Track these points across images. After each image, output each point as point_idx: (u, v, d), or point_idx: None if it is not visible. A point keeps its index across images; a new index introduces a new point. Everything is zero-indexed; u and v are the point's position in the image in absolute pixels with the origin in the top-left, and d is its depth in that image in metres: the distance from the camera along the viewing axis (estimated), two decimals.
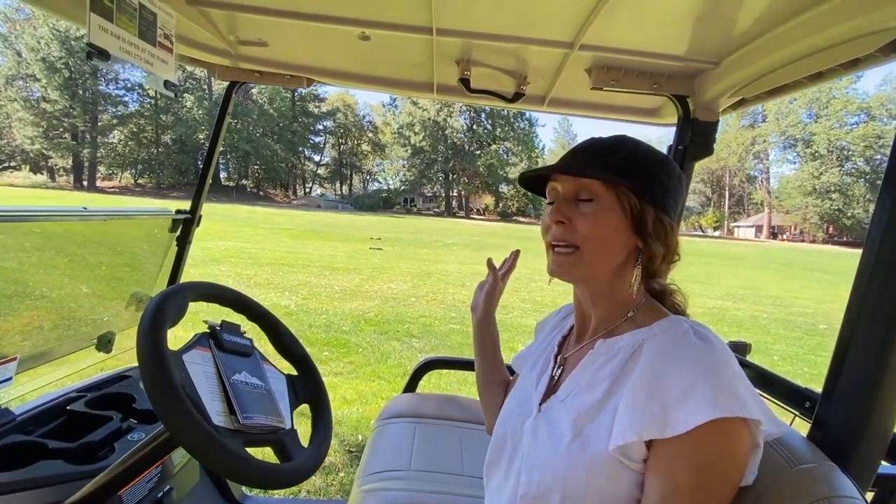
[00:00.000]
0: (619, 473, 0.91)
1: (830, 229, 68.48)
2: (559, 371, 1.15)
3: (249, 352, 1.26)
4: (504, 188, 77.07)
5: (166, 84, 1.53)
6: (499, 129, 76.90)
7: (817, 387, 1.30)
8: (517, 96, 2.08)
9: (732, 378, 0.87)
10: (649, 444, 0.89)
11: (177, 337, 0.99)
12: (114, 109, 63.81)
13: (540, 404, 1.11)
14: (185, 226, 2.27)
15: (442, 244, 24.47)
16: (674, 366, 0.89)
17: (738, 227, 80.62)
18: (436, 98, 2.24)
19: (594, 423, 0.95)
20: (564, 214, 1.03)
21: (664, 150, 1.13)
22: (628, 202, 1.01)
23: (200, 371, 1.09)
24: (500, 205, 78.18)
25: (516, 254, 1.54)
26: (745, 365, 1.77)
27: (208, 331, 1.22)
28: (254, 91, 68.45)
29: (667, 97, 1.94)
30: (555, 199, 1.08)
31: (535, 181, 1.14)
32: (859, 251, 1.17)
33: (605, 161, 1.03)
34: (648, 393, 0.89)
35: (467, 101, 2.19)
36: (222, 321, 1.26)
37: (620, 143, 1.05)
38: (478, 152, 75.79)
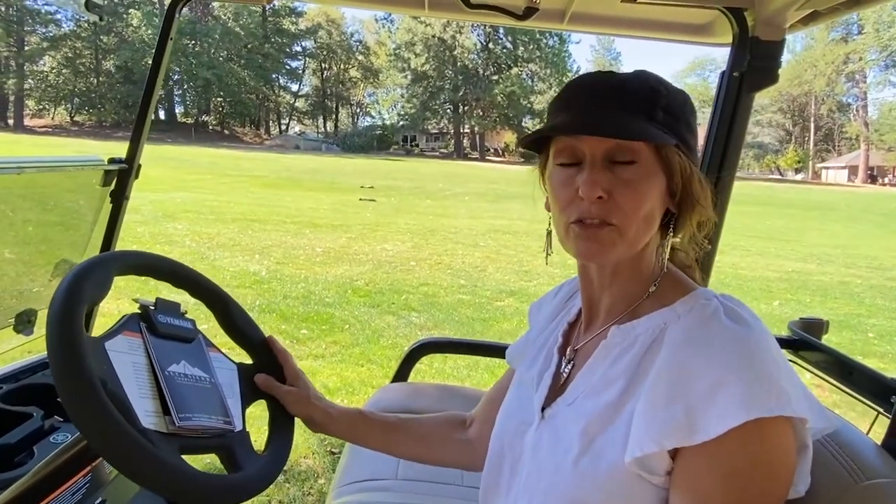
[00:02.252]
0: (637, 490, 0.92)
1: None
2: (569, 367, 1.14)
3: (191, 336, 1.26)
4: (528, 122, 76.31)
5: (88, 4, 1.49)
6: (521, 49, 75.93)
7: None
8: (529, 11, 2.03)
9: (771, 368, 0.87)
10: (673, 454, 0.90)
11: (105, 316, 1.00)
12: (44, 30, 63.23)
13: (543, 409, 1.11)
14: (121, 178, 2.25)
15: (450, 193, 24.44)
16: (699, 357, 0.89)
17: (827, 168, 79.56)
18: (427, 15, 2.20)
19: (607, 431, 0.96)
20: (604, 187, 0.96)
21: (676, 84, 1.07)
22: (671, 163, 0.99)
23: (128, 361, 1.08)
24: None
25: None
26: (819, 349, 1.76)
27: (139, 311, 1.20)
28: (215, 4, 67.64)
29: (718, 9, 1.90)
30: (575, 161, 1.01)
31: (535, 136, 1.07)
32: None
33: (647, 111, 0.98)
34: (670, 392, 0.89)
35: (465, 18, 2.15)
36: (157, 299, 1.25)
37: (653, 87, 1.00)
38: (495, 77, 75.03)
